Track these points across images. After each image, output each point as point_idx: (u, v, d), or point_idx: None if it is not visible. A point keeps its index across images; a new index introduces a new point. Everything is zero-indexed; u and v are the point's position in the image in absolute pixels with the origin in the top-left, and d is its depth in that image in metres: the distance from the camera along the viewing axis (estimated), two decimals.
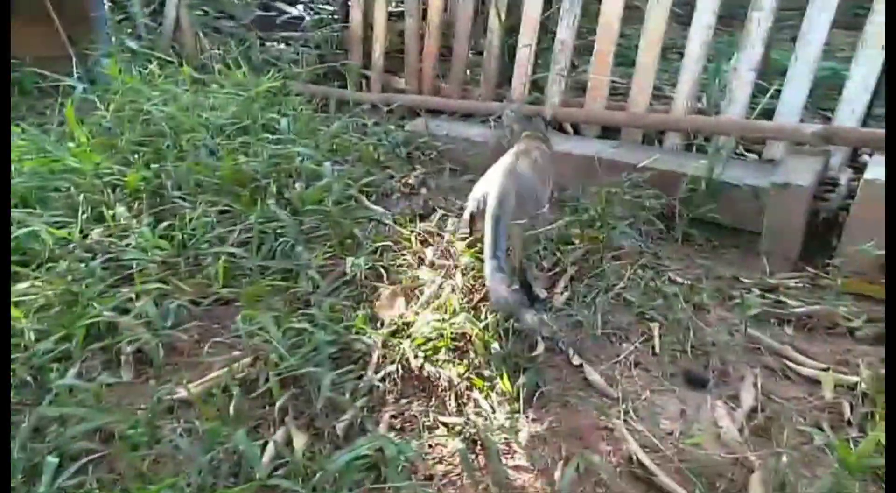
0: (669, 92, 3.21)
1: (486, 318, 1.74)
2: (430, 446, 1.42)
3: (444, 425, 1.48)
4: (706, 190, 2.25)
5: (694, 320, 1.81)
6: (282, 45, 4.05)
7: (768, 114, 2.48)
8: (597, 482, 1.34)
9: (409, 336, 1.68)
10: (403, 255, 2.11)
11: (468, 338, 1.70)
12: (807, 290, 1.98)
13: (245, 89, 3.06)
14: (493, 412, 1.50)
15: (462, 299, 1.84)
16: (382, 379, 1.57)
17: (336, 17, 4.06)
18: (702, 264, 2.15)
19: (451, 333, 1.69)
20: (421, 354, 1.63)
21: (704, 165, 2.26)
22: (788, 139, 2.36)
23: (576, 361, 1.69)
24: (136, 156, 2.48)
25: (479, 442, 1.42)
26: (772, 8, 2.36)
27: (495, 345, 1.65)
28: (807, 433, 1.44)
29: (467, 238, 1.97)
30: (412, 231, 2.25)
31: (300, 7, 4.71)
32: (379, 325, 1.77)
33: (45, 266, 1.87)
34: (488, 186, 1.79)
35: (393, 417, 1.49)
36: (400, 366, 1.60)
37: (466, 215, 1.90)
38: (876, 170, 1.95)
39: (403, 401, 1.54)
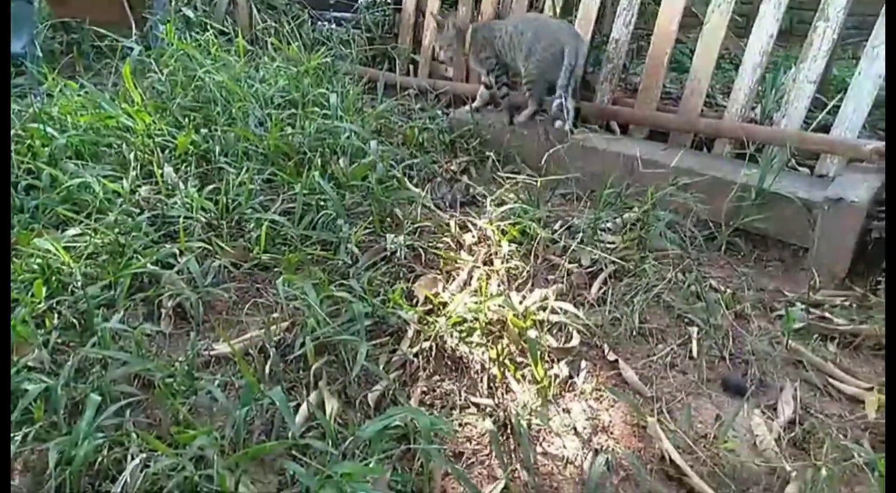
0: (721, 100, 3.16)
1: (522, 304, 1.73)
2: (461, 424, 1.41)
3: (475, 405, 1.47)
4: (755, 200, 2.20)
5: (735, 328, 1.78)
6: (333, 26, 4.07)
7: (824, 130, 2.41)
8: (626, 477, 1.32)
9: (445, 315, 1.68)
10: (442, 238, 2.11)
11: (503, 323, 1.69)
12: (854, 309, 1.92)
13: (295, 65, 3.08)
14: (525, 398, 1.49)
15: (499, 285, 1.83)
16: (416, 355, 1.57)
17: (389, 1, 4.07)
18: (745, 273, 2.10)
19: (487, 316, 1.68)
20: (456, 334, 1.63)
21: (755, 174, 2.21)
22: (845, 154, 2.29)
23: (611, 356, 1.67)
24: (187, 119, 2.52)
25: (509, 426, 1.41)
26: (839, 19, 2.29)
27: (531, 332, 1.64)
28: (847, 450, 1.40)
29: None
30: (452, 215, 2.24)
31: None
32: (415, 302, 1.77)
33: (94, 217, 1.91)
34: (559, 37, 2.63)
35: (424, 392, 1.49)
36: (434, 344, 1.60)
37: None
38: None
39: (436, 378, 1.54)
